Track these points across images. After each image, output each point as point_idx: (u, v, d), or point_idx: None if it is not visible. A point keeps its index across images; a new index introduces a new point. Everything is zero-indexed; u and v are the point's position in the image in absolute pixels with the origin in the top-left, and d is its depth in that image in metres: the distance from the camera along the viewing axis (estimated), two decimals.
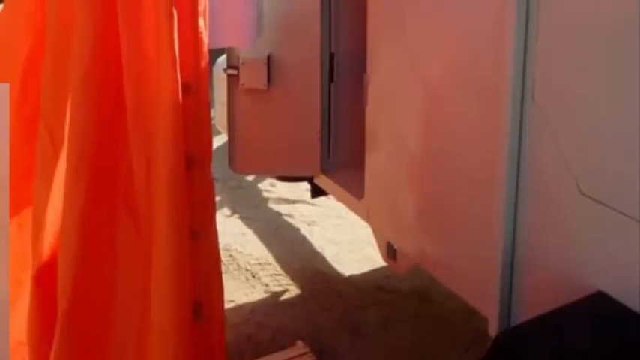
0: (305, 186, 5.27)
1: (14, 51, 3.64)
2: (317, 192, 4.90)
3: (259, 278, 5.25)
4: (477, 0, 3.04)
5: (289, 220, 6.18)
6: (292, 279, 5.25)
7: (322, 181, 4.65)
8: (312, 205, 6.02)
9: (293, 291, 5.13)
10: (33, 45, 3.60)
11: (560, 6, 2.62)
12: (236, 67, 4.46)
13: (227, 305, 3.93)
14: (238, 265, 5.39)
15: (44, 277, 3.53)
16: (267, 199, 6.50)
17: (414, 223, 3.64)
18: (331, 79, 4.49)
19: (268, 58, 4.42)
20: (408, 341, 4.51)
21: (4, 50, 3.66)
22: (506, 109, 2.85)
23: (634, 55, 2.33)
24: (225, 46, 4.29)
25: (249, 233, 5.89)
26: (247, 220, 6.11)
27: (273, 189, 6.57)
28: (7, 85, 3.14)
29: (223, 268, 3.88)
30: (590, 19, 2.51)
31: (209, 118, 3.58)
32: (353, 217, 4.71)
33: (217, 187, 3.97)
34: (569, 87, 2.63)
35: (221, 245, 3.70)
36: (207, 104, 3.54)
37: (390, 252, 3.94)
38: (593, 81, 2.54)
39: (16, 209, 3.59)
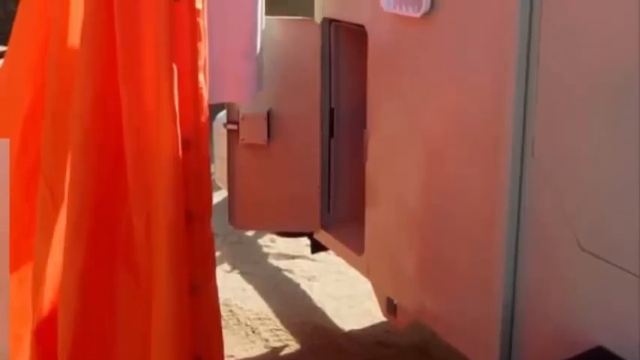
0: (305, 241, 5.25)
1: (14, 106, 3.66)
2: (317, 247, 4.89)
3: (259, 333, 5.22)
4: (477, 57, 3.06)
5: (289, 275, 6.15)
6: (292, 334, 5.21)
7: (322, 237, 4.64)
8: (312, 260, 6.00)
9: (293, 346, 5.09)
10: (33, 100, 3.62)
11: (560, 64, 2.64)
12: (236, 122, 4.47)
13: None
14: (238, 320, 5.36)
15: (44, 333, 3.52)
16: (267, 255, 6.48)
17: (414, 278, 3.63)
18: (331, 135, 4.50)
19: (268, 113, 4.43)
20: None
21: (5, 105, 3.68)
22: (507, 165, 2.86)
23: (633, 112, 2.34)
24: (225, 101, 4.31)
25: (249, 288, 5.86)
26: (247, 275, 6.08)
27: (273, 244, 6.55)
28: (7, 140, 3.16)
29: (223, 323, 3.87)
30: (590, 77, 2.53)
31: (209, 173, 3.59)
32: (353, 272, 4.70)
33: (217, 242, 3.97)
34: (569, 143, 2.64)
35: (221, 300, 3.69)
36: (207, 159, 3.55)
37: (390, 307, 3.92)
38: (593, 137, 2.55)
39: (16, 264, 3.59)
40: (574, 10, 2.57)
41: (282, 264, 6.32)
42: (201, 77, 3.39)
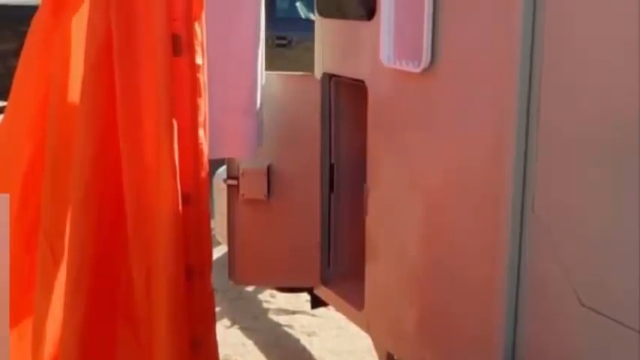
0: (305, 296, 5.24)
1: (14, 161, 3.67)
2: (317, 302, 4.87)
3: None
4: (477, 113, 3.07)
5: (289, 330, 6.12)
6: None
7: (322, 292, 4.63)
8: (312, 315, 5.98)
9: None
10: (33, 155, 3.62)
11: (560, 120, 2.65)
12: (236, 178, 4.47)
13: None
14: None
15: None
16: (267, 310, 6.45)
17: (414, 333, 3.61)
18: (331, 190, 4.50)
19: (268, 168, 4.44)
20: None
21: (5, 160, 3.69)
22: (507, 220, 2.86)
23: (633, 169, 2.35)
24: (225, 156, 4.32)
25: (250, 344, 5.83)
26: (247, 330, 6.05)
27: (273, 299, 6.52)
28: (7, 195, 3.16)
29: None
30: (590, 134, 2.54)
31: (209, 229, 3.59)
32: (353, 327, 4.68)
33: (217, 297, 3.95)
34: (568, 199, 2.64)
35: (221, 356, 3.67)
36: (207, 214, 3.56)
37: None
38: (593, 194, 2.55)
39: (16, 319, 3.57)
40: (574, 67, 2.59)
41: (282, 319, 6.29)
42: (201, 133, 3.40)
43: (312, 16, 5.86)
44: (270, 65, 4.28)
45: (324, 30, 4.29)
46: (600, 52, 2.48)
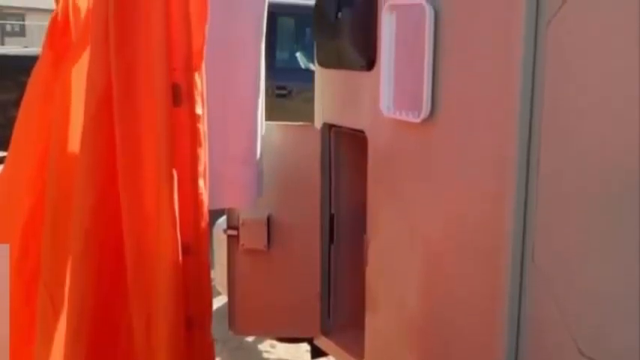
0: (305, 347, 5.22)
1: (14, 211, 3.67)
2: (317, 353, 4.85)
3: None
4: (476, 162, 3.07)
5: None
6: None
7: (322, 342, 4.61)
8: None
9: None
10: (33, 205, 3.63)
11: (560, 170, 2.65)
12: (236, 228, 4.48)
13: None
14: None
15: None
16: None
17: None
18: (331, 240, 4.50)
19: (268, 218, 4.44)
20: None
21: (5, 210, 3.69)
22: (507, 270, 2.85)
23: (633, 219, 2.35)
24: (225, 206, 4.33)
25: None
26: None
27: (274, 350, 6.50)
28: (7, 245, 3.16)
29: None
30: (589, 183, 2.54)
31: (209, 279, 3.58)
32: None
33: (217, 347, 3.93)
34: (569, 249, 2.64)
35: None
36: (207, 265, 3.55)
37: None
38: (593, 244, 2.55)
39: None
40: (574, 116, 2.59)
41: None
42: (201, 183, 3.40)
43: (312, 67, 5.90)
44: (270, 115, 4.30)
45: (324, 80, 4.30)
46: (600, 102, 2.49)
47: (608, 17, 2.43)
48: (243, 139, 3.94)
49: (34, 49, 10.58)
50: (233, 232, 4.49)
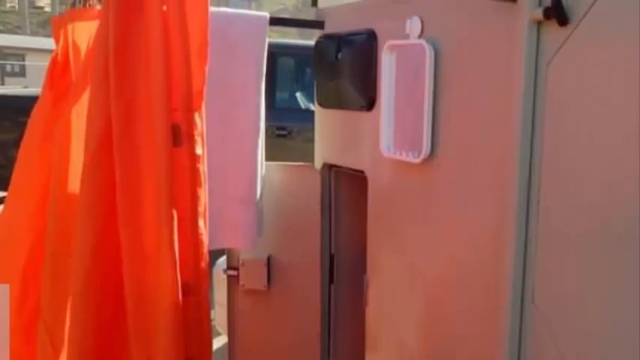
0: None
1: (15, 251, 3.68)
2: None
3: None
4: (476, 203, 3.07)
5: None
6: None
7: None
8: None
9: None
10: (33, 245, 3.63)
11: (560, 211, 2.65)
12: (236, 268, 4.47)
13: None
14: None
15: None
16: None
17: None
18: (331, 281, 4.49)
19: (268, 259, 4.44)
20: None
21: (5, 250, 3.69)
22: (506, 311, 2.84)
23: (633, 261, 2.34)
24: (225, 247, 4.32)
25: None
26: None
27: None
28: (7, 286, 3.15)
29: None
30: (590, 225, 2.53)
31: (209, 319, 3.57)
32: None
33: None
34: (569, 291, 2.63)
35: None
36: (207, 305, 3.54)
37: None
38: (593, 286, 2.54)
39: None
40: (574, 158, 2.59)
41: None
42: (201, 223, 3.40)
43: (312, 107, 5.92)
44: (270, 155, 4.30)
45: (324, 120, 4.31)
46: (600, 143, 2.49)
47: (608, 58, 2.44)
48: (243, 179, 3.95)
49: (35, 90, 10.59)
50: (233, 273, 4.49)
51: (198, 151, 3.35)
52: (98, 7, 3.53)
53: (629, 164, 2.36)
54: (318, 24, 4.27)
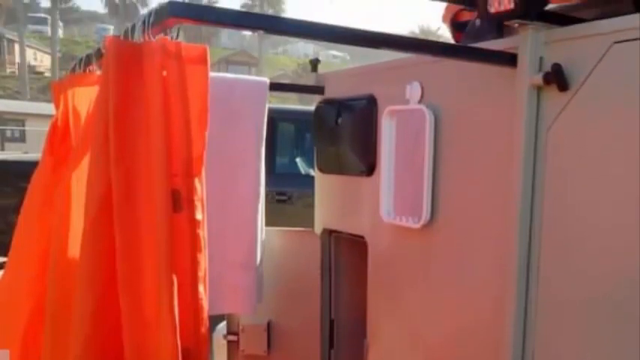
0: None
1: (15, 316, 3.66)
2: None
3: None
4: (476, 268, 3.07)
5: None
6: None
7: None
8: None
9: None
10: (33, 311, 3.62)
11: (560, 276, 2.65)
12: (236, 334, 4.45)
13: None
14: None
15: None
16: None
17: None
18: (331, 346, 4.47)
19: (268, 324, 4.42)
20: None
21: (5, 316, 3.68)
22: None
23: (633, 327, 2.34)
24: (225, 312, 4.30)
25: None
26: None
27: None
28: (7, 351, 3.13)
29: None
30: (589, 291, 2.53)
31: None
32: None
33: None
34: (569, 355, 2.62)
35: None
36: None
37: None
38: (593, 351, 2.53)
39: None
40: (574, 224, 2.59)
41: None
42: (201, 288, 3.38)
43: (311, 172, 5.93)
44: (270, 221, 4.30)
45: (324, 185, 4.32)
46: (600, 210, 2.49)
47: (608, 123, 2.45)
48: (243, 244, 3.94)
49: (35, 155, 10.63)
50: (233, 338, 4.47)
51: (199, 216, 3.34)
52: (98, 72, 3.55)
53: (630, 232, 2.36)
54: (317, 89, 4.29)
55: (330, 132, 4.03)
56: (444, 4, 4.00)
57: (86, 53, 3.53)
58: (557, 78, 2.58)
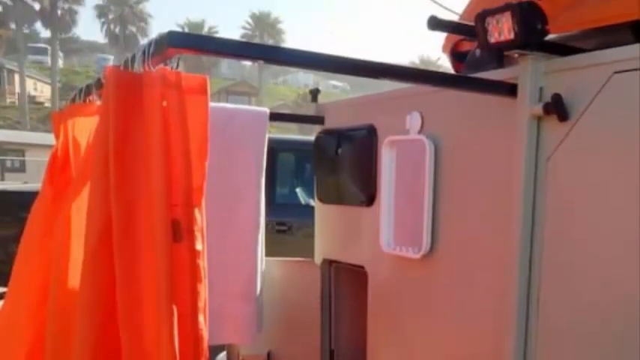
0: None
1: (14, 347, 3.65)
2: None
3: None
4: (476, 298, 3.06)
5: None
6: None
7: None
8: None
9: None
10: (33, 341, 3.61)
11: (559, 308, 2.64)
12: None
13: None
14: None
15: None
16: None
17: None
18: None
19: (268, 354, 4.41)
20: None
21: (5, 347, 3.67)
22: None
23: (631, 357, 2.33)
24: (225, 342, 4.29)
25: None
26: None
27: None
28: None
29: None
30: (589, 323, 2.53)
31: None
32: None
33: None
34: None
35: None
36: None
37: None
38: None
39: None
40: (574, 256, 2.59)
41: None
42: (201, 318, 3.37)
43: (311, 202, 5.93)
44: (270, 251, 4.30)
45: (324, 216, 4.32)
46: (600, 240, 2.49)
47: (608, 153, 2.45)
48: (243, 274, 3.94)
49: (34, 185, 10.63)
50: None
51: (198, 246, 3.34)
52: (98, 102, 3.55)
53: (630, 263, 2.35)
54: (317, 119, 4.30)
55: (330, 162, 4.03)
56: (445, 34, 4.01)
57: (86, 83, 3.54)
58: (557, 108, 2.58)
